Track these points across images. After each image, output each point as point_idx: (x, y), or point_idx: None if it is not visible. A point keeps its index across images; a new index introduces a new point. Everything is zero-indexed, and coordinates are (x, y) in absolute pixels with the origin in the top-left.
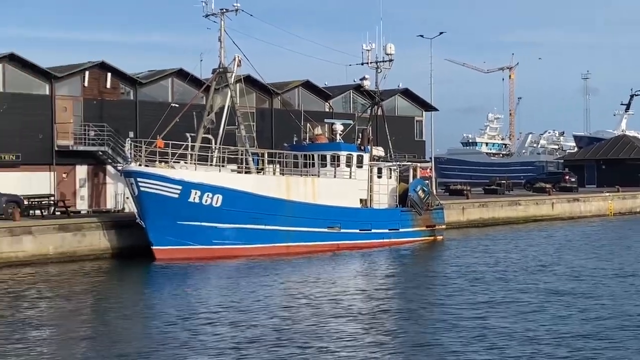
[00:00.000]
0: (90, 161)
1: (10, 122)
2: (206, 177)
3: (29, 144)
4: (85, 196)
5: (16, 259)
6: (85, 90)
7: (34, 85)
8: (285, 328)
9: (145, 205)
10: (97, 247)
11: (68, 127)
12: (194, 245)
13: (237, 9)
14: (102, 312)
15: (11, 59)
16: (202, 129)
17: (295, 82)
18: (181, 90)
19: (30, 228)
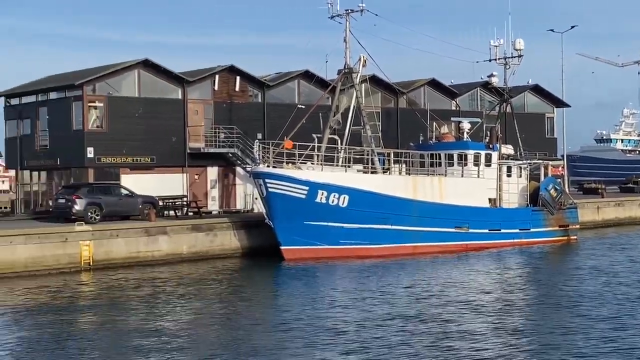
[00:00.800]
0: (221, 163)
1: (145, 126)
2: (332, 177)
3: (163, 147)
4: (216, 197)
5: (152, 258)
6: (215, 93)
7: (167, 89)
8: (413, 328)
9: (273, 206)
10: (228, 247)
11: (199, 130)
12: (321, 245)
13: (362, 9)
14: (232, 308)
15: (145, 65)
16: (328, 129)
17: (420, 80)
18: (307, 91)
19: (165, 228)
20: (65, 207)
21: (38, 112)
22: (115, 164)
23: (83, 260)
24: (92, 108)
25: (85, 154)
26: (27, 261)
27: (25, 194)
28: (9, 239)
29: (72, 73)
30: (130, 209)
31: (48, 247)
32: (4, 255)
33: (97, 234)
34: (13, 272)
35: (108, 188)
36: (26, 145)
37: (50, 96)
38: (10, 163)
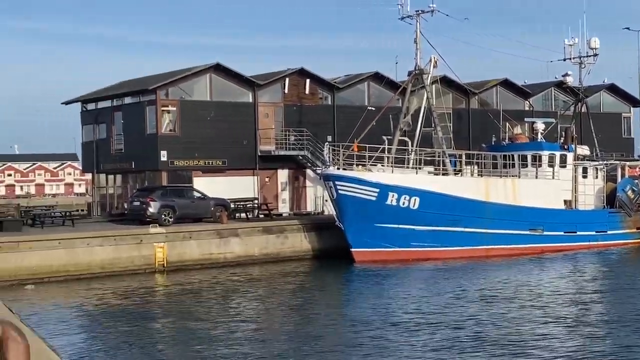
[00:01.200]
0: (291, 165)
1: (217, 130)
2: (403, 179)
3: (234, 150)
4: (286, 199)
5: (224, 260)
6: (285, 96)
7: (238, 93)
8: (485, 332)
9: (343, 208)
10: (298, 249)
11: (270, 133)
12: (391, 248)
13: (432, 9)
14: (303, 309)
15: (217, 69)
16: (398, 131)
17: (492, 81)
18: (377, 93)
19: (237, 230)
20: (140, 210)
21: (113, 117)
22: (187, 167)
23: (157, 261)
24: (165, 112)
25: (158, 157)
26: (104, 262)
27: (101, 196)
28: (86, 240)
29: (145, 78)
30: (202, 212)
31: (123, 249)
32: (81, 256)
33: (170, 236)
34: (90, 273)
35: (181, 191)
36: (102, 149)
37: (125, 101)
38: (86, 167)
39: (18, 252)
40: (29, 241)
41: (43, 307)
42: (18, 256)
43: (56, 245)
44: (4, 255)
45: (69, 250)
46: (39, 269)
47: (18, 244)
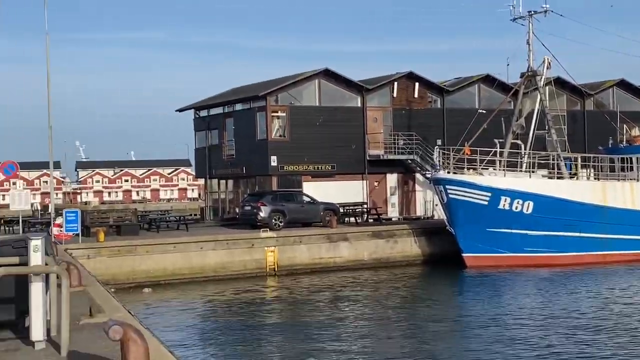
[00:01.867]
0: (400, 169)
1: (326, 134)
2: (516, 183)
3: (343, 154)
4: (395, 203)
5: (333, 264)
6: (394, 100)
7: (347, 98)
8: (604, 339)
9: (454, 213)
10: (408, 254)
11: (378, 137)
12: (504, 253)
13: (546, 10)
14: (414, 314)
15: (326, 74)
16: (510, 134)
17: (609, 81)
18: (488, 95)
19: (346, 235)
20: (251, 214)
21: (225, 123)
22: (297, 172)
23: (268, 265)
24: (275, 118)
25: (269, 162)
26: (217, 266)
27: (214, 201)
28: (200, 244)
29: (256, 84)
30: (312, 216)
31: (236, 253)
32: (195, 260)
33: (281, 240)
34: (203, 277)
35: (291, 195)
36: (214, 155)
37: (236, 107)
38: (199, 172)
39: (135, 256)
40: (146, 245)
41: (159, 310)
42: (135, 260)
43: (171, 249)
44: (122, 259)
45: (183, 254)
46: (154, 272)
47: (135, 248)
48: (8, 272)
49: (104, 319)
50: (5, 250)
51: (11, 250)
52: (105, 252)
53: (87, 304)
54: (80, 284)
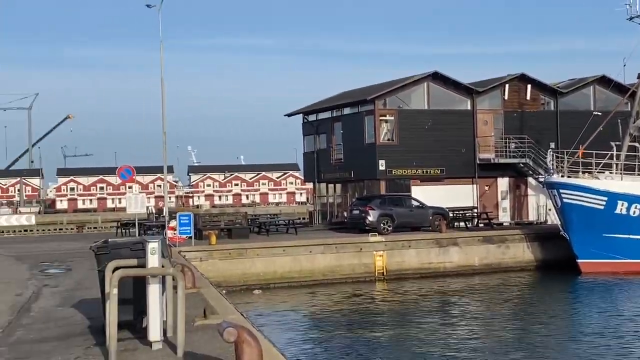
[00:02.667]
0: (511, 173)
1: (435, 138)
2: (634, 187)
3: (452, 158)
4: (507, 208)
5: (443, 269)
6: (505, 103)
7: (456, 101)
8: None
9: (568, 217)
10: (520, 259)
11: (489, 140)
12: (621, 259)
13: None
14: (526, 321)
15: (434, 77)
16: (627, 136)
17: None
18: (604, 97)
19: (456, 239)
20: (359, 218)
21: (333, 127)
22: (405, 176)
23: (377, 270)
24: (383, 122)
25: (377, 166)
26: (326, 270)
27: (322, 205)
28: (308, 248)
29: (364, 88)
30: (420, 220)
31: (344, 257)
32: (304, 263)
33: (389, 245)
34: (312, 280)
35: (399, 199)
36: (322, 159)
37: (344, 111)
38: (307, 176)
39: (246, 259)
40: (256, 248)
41: (270, 312)
42: (246, 262)
43: (281, 252)
44: (233, 262)
45: (292, 257)
46: (264, 275)
47: (246, 251)
48: (127, 273)
49: (218, 321)
50: (123, 252)
51: (129, 253)
52: (217, 255)
53: (201, 306)
54: (194, 286)
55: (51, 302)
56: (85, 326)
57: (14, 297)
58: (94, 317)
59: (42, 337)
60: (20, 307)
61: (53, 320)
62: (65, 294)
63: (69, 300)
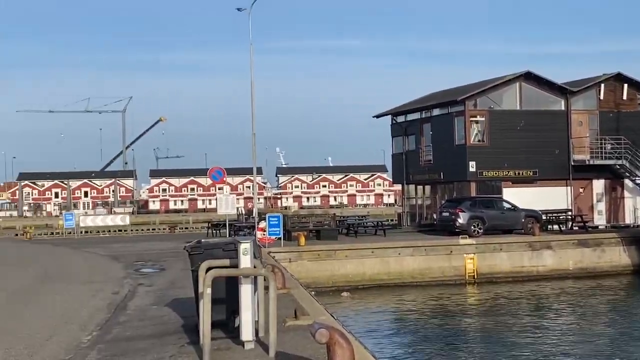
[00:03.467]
0: (607, 175)
1: (527, 139)
2: None
3: (545, 160)
4: (602, 211)
5: (536, 273)
6: (600, 103)
7: (549, 101)
8: None
9: None
10: (617, 263)
11: (584, 141)
12: None
13: None
14: (622, 328)
15: (527, 77)
16: None
17: None
18: None
19: (550, 243)
20: (449, 221)
21: (422, 129)
22: (496, 178)
23: (467, 273)
24: (474, 122)
25: (467, 167)
26: (415, 272)
27: (411, 207)
28: (397, 250)
29: (453, 89)
30: (512, 223)
31: (433, 259)
32: (393, 265)
33: (480, 248)
34: (401, 282)
35: (490, 202)
36: (411, 161)
37: (434, 112)
38: (396, 178)
39: (334, 260)
40: (345, 250)
41: (359, 314)
42: (334, 264)
43: (369, 254)
44: (322, 263)
45: (381, 259)
46: (353, 277)
47: (335, 252)
48: (220, 273)
49: (309, 322)
50: (216, 252)
51: (222, 253)
52: (306, 256)
53: (292, 307)
54: (284, 286)
55: (146, 301)
56: (179, 325)
57: (110, 295)
58: (187, 316)
59: (138, 334)
60: (117, 305)
61: (148, 318)
62: (159, 293)
63: (163, 299)
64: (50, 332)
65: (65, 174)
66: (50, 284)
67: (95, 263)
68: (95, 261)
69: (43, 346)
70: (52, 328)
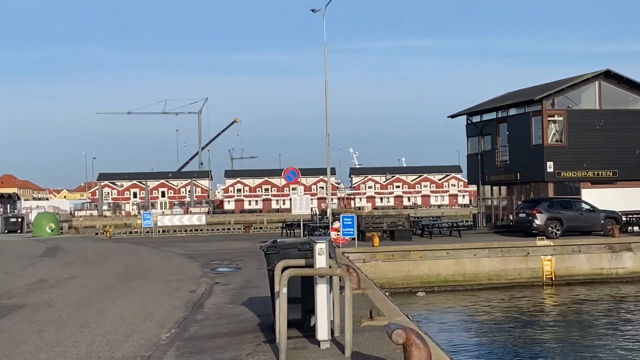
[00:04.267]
0: None
1: (606, 139)
2: None
3: (626, 160)
4: None
5: (616, 275)
6: None
7: (630, 100)
8: None
9: None
10: None
11: None
12: None
13: None
14: None
15: (606, 76)
16: None
17: None
18: None
19: (630, 244)
20: (526, 222)
21: (498, 128)
22: (575, 178)
23: (545, 275)
24: (552, 122)
25: (544, 168)
26: (490, 274)
27: (486, 208)
28: (473, 251)
29: (530, 88)
30: (591, 224)
31: (510, 261)
32: (468, 267)
33: (558, 249)
34: (477, 284)
35: (568, 202)
36: (487, 161)
37: (510, 112)
38: (471, 178)
39: (409, 261)
40: (419, 250)
41: (434, 315)
42: (409, 264)
43: (444, 255)
44: (396, 263)
45: (456, 260)
46: (428, 278)
47: (409, 253)
48: (296, 273)
49: (384, 322)
50: (292, 252)
51: (297, 253)
52: (380, 257)
53: (367, 307)
54: (359, 287)
55: (222, 299)
56: (255, 323)
57: (188, 294)
58: (263, 315)
59: (215, 332)
60: (194, 303)
61: (225, 316)
62: (235, 292)
63: (239, 298)
64: (131, 329)
65: (143, 175)
66: (130, 281)
67: (173, 262)
68: (173, 260)
69: (124, 342)
70: (132, 325)
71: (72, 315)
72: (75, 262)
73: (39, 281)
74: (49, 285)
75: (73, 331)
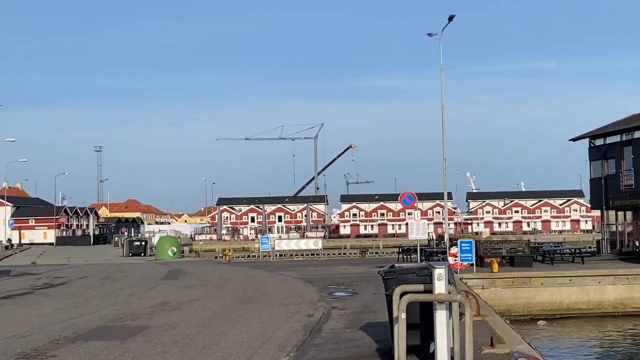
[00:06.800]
0: None
1: None
2: None
3: None
4: None
5: None
6: None
7: None
8: None
9: None
10: None
11: None
12: None
13: None
14: None
15: None
16: None
17: None
18: None
19: None
20: None
21: (623, 152)
22: None
23: None
24: None
25: None
26: (616, 302)
27: (611, 234)
28: (597, 278)
29: None
30: None
31: (636, 289)
32: (592, 294)
33: None
34: (601, 312)
35: None
36: (611, 185)
37: (635, 135)
38: (594, 203)
39: (530, 288)
40: (541, 277)
41: (557, 344)
42: (530, 291)
43: (567, 282)
44: (516, 290)
45: (580, 287)
46: (549, 305)
47: (530, 280)
48: (415, 298)
49: (506, 350)
50: (410, 277)
51: (415, 278)
52: (499, 283)
53: (488, 334)
54: (478, 313)
55: (340, 324)
56: (373, 349)
57: (306, 318)
58: (380, 340)
59: (334, 357)
60: (312, 327)
61: (343, 341)
62: (352, 317)
63: (356, 323)
64: (250, 351)
65: (261, 199)
66: (249, 304)
67: (290, 286)
68: (290, 284)
69: None
70: (251, 348)
71: (194, 337)
72: (196, 285)
73: (161, 303)
74: (171, 307)
75: (195, 353)
